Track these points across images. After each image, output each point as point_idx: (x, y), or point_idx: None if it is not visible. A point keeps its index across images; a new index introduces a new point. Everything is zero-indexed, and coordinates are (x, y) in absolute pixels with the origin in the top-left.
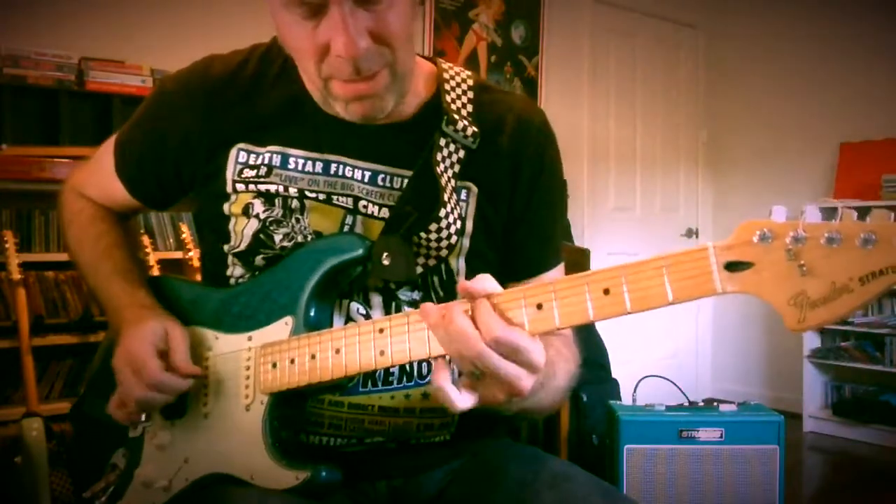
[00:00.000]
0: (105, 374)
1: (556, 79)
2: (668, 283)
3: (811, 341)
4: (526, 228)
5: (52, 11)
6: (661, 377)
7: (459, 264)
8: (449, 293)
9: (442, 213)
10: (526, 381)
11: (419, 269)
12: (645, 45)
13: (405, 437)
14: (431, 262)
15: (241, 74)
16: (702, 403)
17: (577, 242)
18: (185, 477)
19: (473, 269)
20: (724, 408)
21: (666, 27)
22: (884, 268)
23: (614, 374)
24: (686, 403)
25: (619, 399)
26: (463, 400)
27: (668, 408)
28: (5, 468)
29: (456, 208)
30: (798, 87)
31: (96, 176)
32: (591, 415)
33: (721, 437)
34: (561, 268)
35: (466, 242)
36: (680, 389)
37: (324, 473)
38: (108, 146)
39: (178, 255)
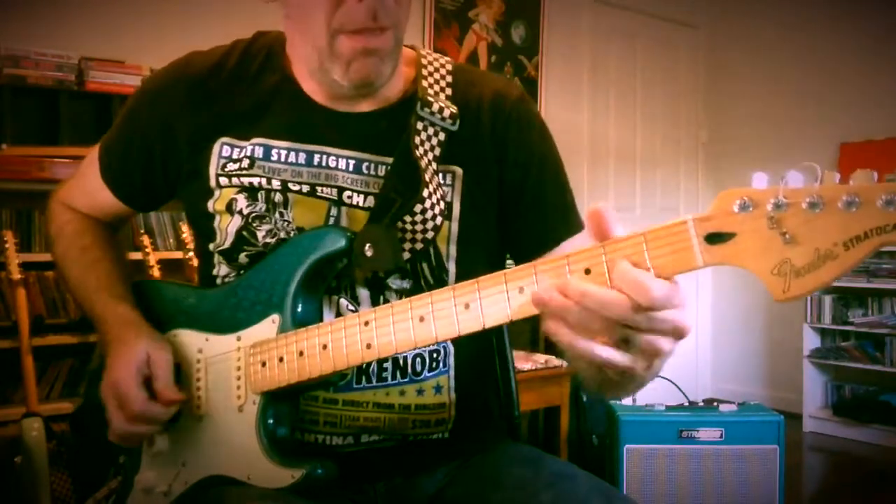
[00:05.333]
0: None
1: (556, 79)
2: (648, 260)
3: (811, 341)
4: (528, 204)
5: (52, 11)
6: (661, 377)
7: (451, 250)
8: (438, 281)
9: (424, 196)
10: (685, 317)
11: (406, 255)
12: (645, 45)
13: (401, 434)
14: (419, 247)
15: (222, 68)
16: (702, 403)
17: None
18: (184, 480)
19: (467, 253)
20: (724, 408)
21: (666, 27)
22: (868, 230)
23: None
24: (686, 403)
25: (619, 399)
26: (622, 357)
27: (668, 408)
28: (5, 468)
29: (437, 191)
30: (798, 87)
31: (83, 186)
32: (591, 415)
33: (721, 437)
34: (577, 239)
35: (455, 227)
36: (680, 389)
37: (319, 470)
38: (93, 155)
39: (178, 255)
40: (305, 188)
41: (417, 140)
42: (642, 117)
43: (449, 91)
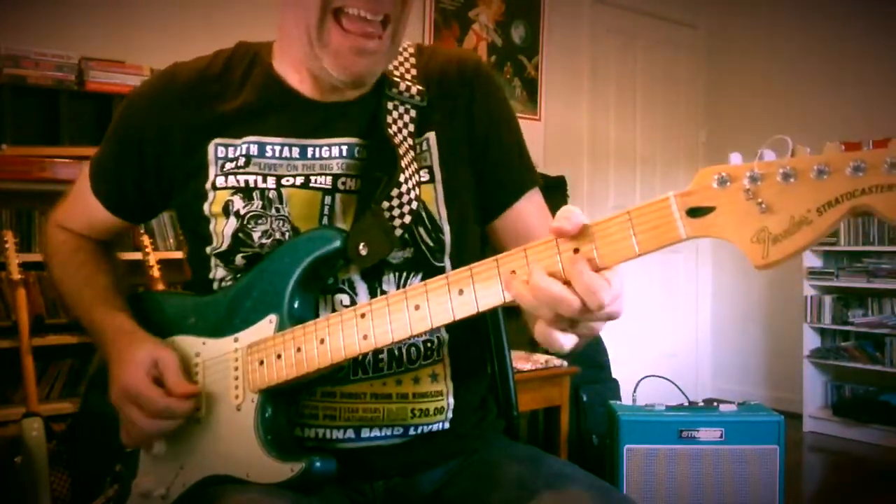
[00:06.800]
0: (106, 371)
1: (556, 79)
2: (633, 235)
3: (811, 341)
4: (493, 158)
5: (52, 11)
6: (661, 377)
7: (441, 211)
8: (437, 242)
9: (402, 166)
10: (620, 306)
11: (399, 232)
12: (645, 45)
13: (402, 425)
14: (407, 220)
15: (207, 75)
16: (702, 403)
17: None
18: (182, 483)
19: (456, 210)
20: (724, 408)
21: (666, 27)
22: (839, 196)
23: (614, 374)
24: (686, 403)
25: (619, 399)
26: (568, 340)
27: (668, 408)
28: (5, 468)
29: (415, 162)
30: (798, 87)
31: (76, 205)
32: (591, 415)
33: (721, 437)
34: (536, 192)
35: (441, 188)
36: (680, 389)
37: (318, 464)
38: (84, 174)
39: (178, 255)
40: (300, 180)
41: (389, 119)
42: (642, 117)
43: (414, 71)
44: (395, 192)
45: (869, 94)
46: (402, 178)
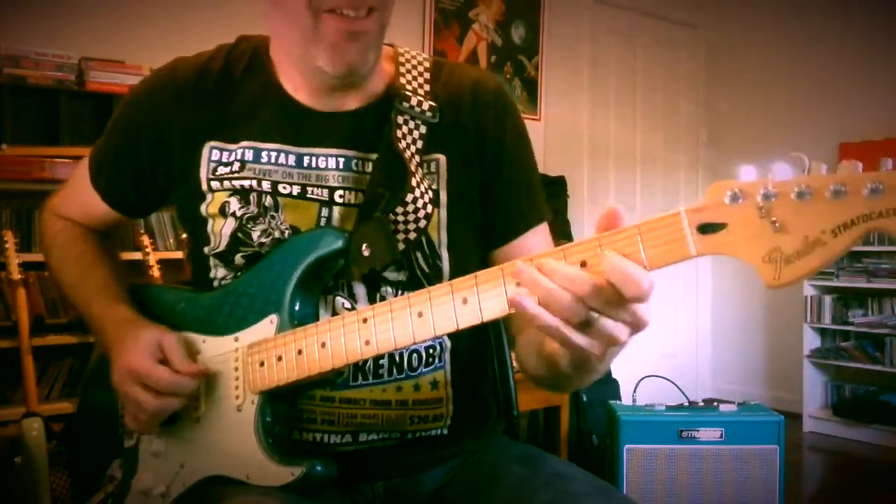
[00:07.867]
0: (104, 367)
1: (556, 79)
2: (643, 251)
3: (811, 341)
4: (501, 190)
5: (52, 11)
6: (661, 377)
7: (441, 237)
8: (433, 268)
9: (412, 185)
10: (645, 311)
11: (401, 247)
12: (645, 45)
13: (400, 431)
14: (412, 237)
15: (208, 72)
16: (702, 403)
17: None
18: (182, 482)
19: (457, 238)
20: (724, 408)
21: (666, 27)
22: (854, 218)
23: (614, 374)
24: (686, 403)
25: (619, 399)
26: (581, 339)
27: (668, 408)
28: (5, 468)
29: (424, 181)
30: (798, 87)
31: (74, 195)
32: (591, 415)
33: (721, 437)
34: (544, 227)
35: (444, 213)
36: (680, 389)
37: (319, 468)
38: (84, 164)
39: (178, 255)
40: (296, 190)
41: (399, 134)
42: (642, 117)
43: (427, 87)
44: (399, 209)
45: (869, 95)
46: (409, 199)
